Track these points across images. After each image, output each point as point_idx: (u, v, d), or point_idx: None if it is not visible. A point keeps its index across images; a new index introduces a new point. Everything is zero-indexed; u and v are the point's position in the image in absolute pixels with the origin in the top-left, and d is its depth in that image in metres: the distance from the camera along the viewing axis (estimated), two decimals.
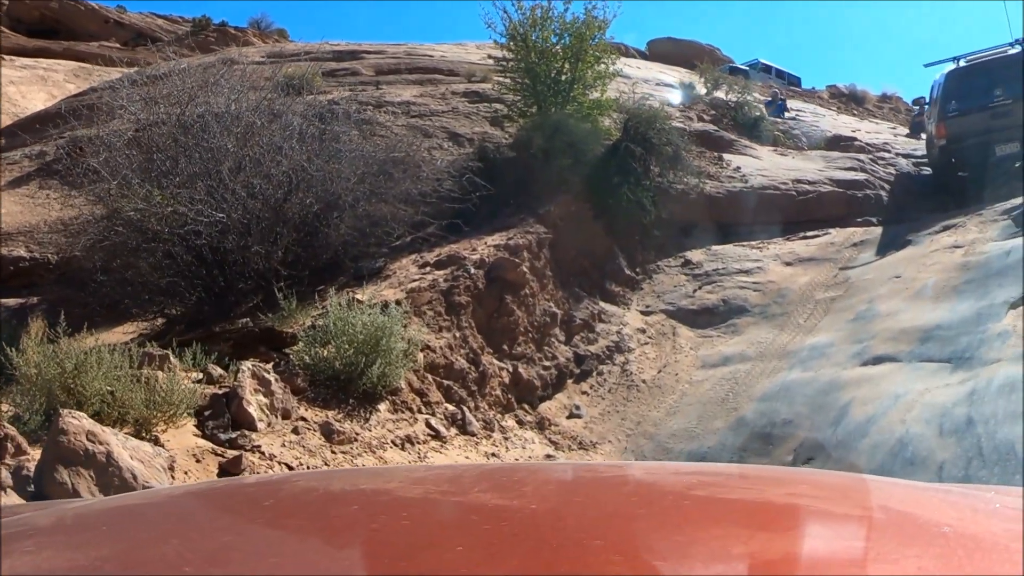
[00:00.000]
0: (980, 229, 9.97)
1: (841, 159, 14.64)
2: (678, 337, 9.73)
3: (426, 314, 7.83)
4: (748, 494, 1.48)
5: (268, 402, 5.36)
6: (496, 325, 8.42)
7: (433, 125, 13.26)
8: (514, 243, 9.24)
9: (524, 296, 8.80)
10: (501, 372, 8.09)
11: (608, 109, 12.49)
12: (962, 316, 7.96)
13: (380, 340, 6.35)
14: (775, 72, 29.25)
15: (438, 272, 8.59)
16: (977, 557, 0.99)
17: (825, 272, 10.46)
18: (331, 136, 9.07)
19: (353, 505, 1.39)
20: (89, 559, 1.04)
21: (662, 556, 0.99)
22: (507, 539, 1.05)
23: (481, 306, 8.35)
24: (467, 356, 7.78)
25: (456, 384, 7.42)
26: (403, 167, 9.26)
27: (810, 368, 8.17)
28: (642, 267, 11.09)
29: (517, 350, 8.46)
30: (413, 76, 16.25)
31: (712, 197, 12.21)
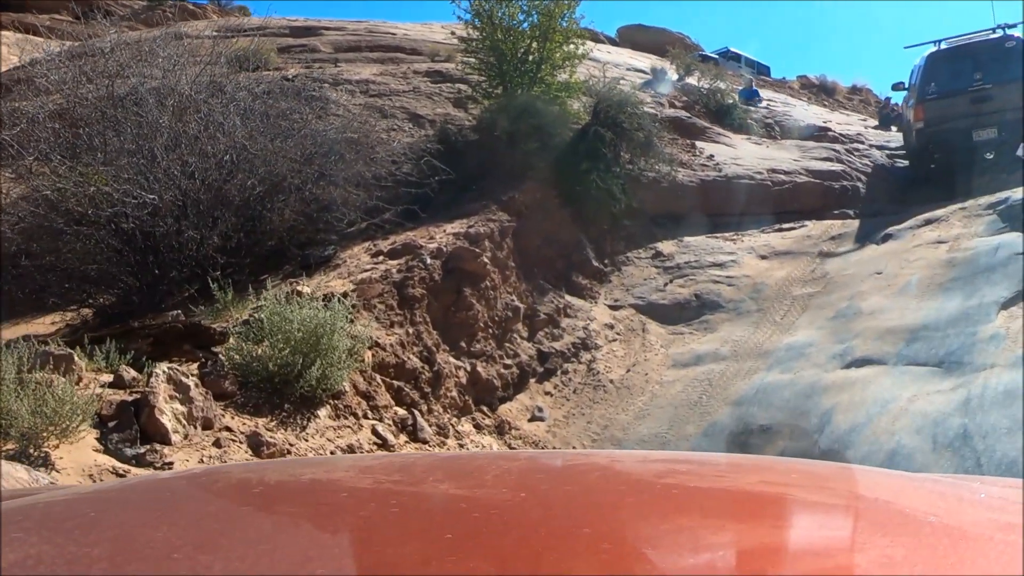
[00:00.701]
0: (964, 224, 9.51)
1: (817, 149, 14.17)
2: (648, 334, 9.17)
3: (376, 308, 7.18)
4: (721, 482, 1.47)
5: (186, 410, 4.69)
6: (453, 320, 7.79)
7: (393, 105, 12.54)
8: (475, 231, 8.60)
9: (484, 289, 8.17)
10: (458, 371, 7.47)
11: (577, 92, 11.86)
12: (950, 316, 7.48)
13: (321, 338, 5.70)
14: (744, 61, 28.80)
15: (392, 262, 7.94)
16: (962, 547, 0.98)
17: (802, 266, 9.96)
18: (278, 113, 8.36)
19: (342, 492, 1.40)
20: (78, 546, 1.03)
21: (639, 546, 0.97)
22: (496, 527, 1.05)
23: (437, 299, 7.72)
24: (420, 354, 7.15)
25: (408, 385, 6.78)
26: (356, 148, 8.57)
27: (789, 369, 7.65)
28: (611, 258, 10.51)
29: (476, 347, 7.85)
30: (374, 54, 15.52)
31: (685, 186, 11.65)
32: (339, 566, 0.94)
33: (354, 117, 9.47)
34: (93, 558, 0.97)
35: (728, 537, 1.03)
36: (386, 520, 1.11)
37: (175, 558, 0.96)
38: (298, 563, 0.92)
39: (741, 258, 10.39)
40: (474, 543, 0.97)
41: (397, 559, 0.91)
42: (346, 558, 0.98)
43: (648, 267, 10.49)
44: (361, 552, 0.97)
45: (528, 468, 1.70)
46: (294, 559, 0.93)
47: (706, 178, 11.97)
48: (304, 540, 1.03)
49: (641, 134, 11.00)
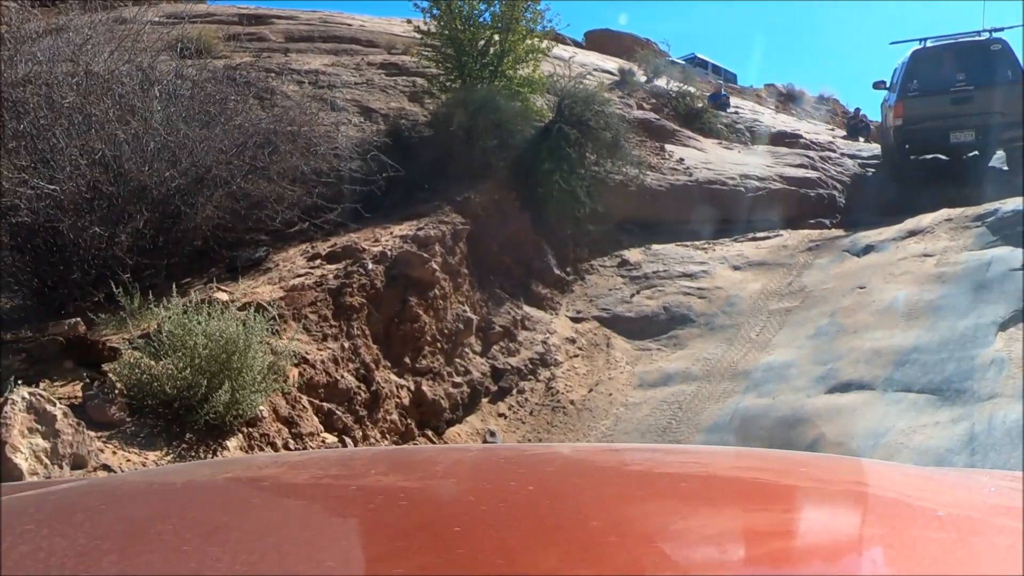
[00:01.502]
0: (951, 236, 8.89)
1: (790, 155, 13.55)
2: (613, 349, 8.42)
3: (308, 318, 6.33)
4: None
5: (50, 446, 3.81)
6: (397, 333, 6.96)
7: (344, 97, 11.68)
8: (424, 234, 7.78)
9: (433, 298, 7.36)
10: (400, 391, 6.64)
11: (540, 87, 11.10)
12: (944, 337, 6.81)
13: (232, 355, 4.84)
14: (711, 67, 28.30)
15: (330, 267, 7.10)
16: (972, 540, 0.95)
17: (778, 279, 9.27)
18: (205, 97, 7.48)
19: (351, 486, 1.37)
20: (87, 537, 1.02)
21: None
22: (508, 521, 1.03)
23: (379, 309, 6.88)
24: (357, 371, 6.31)
25: (340, 408, 5.94)
26: (293, 140, 7.71)
27: (767, 393, 6.94)
28: (574, 266, 9.75)
29: (422, 363, 7.02)
30: (327, 45, 14.61)
31: (653, 190, 10.94)
32: (347, 558, 0.92)
33: (292, 106, 8.58)
34: (103, 550, 0.96)
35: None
36: (394, 513, 1.08)
37: (184, 550, 0.95)
38: (304, 555, 0.89)
39: (713, 268, 9.68)
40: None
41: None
42: (354, 551, 0.95)
43: (614, 276, 9.75)
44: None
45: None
46: (301, 551, 0.91)
47: (676, 182, 11.27)
48: (312, 532, 1.00)
49: (608, 134, 10.26)
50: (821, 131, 19.67)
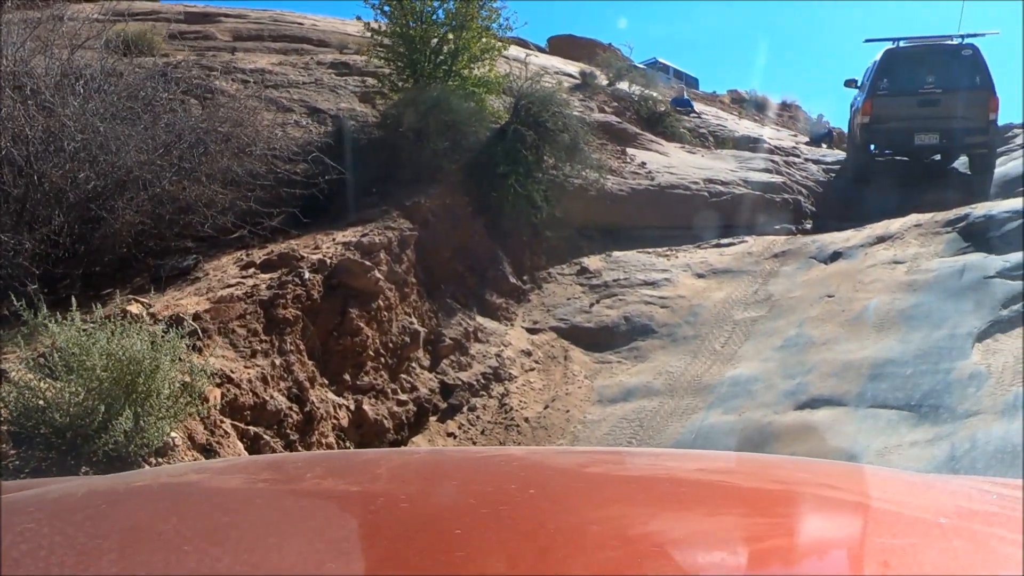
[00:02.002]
0: (921, 242, 8.55)
1: (754, 159, 13.23)
2: (571, 362, 7.96)
3: (235, 333, 5.78)
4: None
5: None
6: (335, 347, 6.43)
7: (291, 98, 11.11)
8: (369, 241, 7.27)
9: (377, 309, 6.84)
10: (338, 410, 6.11)
11: (497, 88, 10.63)
12: (918, 349, 6.43)
13: (137, 376, 4.30)
14: (673, 72, 28.02)
15: (264, 276, 6.55)
16: (972, 549, 0.94)
17: (744, 287, 8.87)
18: (130, 95, 6.91)
19: (353, 487, 1.35)
20: (89, 537, 1.02)
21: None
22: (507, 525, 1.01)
23: (316, 322, 6.35)
24: (289, 391, 5.77)
25: (268, 432, 5.40)
26: (226, 140, 7.16)
27: (733, 409, 6.51)
28: (531, 274, 9.29)
29: (363, 380, 6.50)
30: (277, 44, 14.04)
31: (614, 195, 10.52)
32: (347, 561, 0.91)
33: (226, 104, 8.02)
34: (104, 549, 0.96)
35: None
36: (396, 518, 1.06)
37: (185, 550, 0.94)
38: (305, 556, 0.89)
39: (676, 276, 9.26)
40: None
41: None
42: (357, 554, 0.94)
43: (572, 285, 9.29)
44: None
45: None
46: (302, 552, 0.90)
47: (638, 187, 10.86)
48: (311, 534, 0.98)
49: (567, 136, 9.81)
50: (784, 137, 19.48)
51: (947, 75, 12.37)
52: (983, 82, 12.31)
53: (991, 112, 12.25)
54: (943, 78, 12.36)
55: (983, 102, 12.16)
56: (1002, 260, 7.45)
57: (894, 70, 12.79)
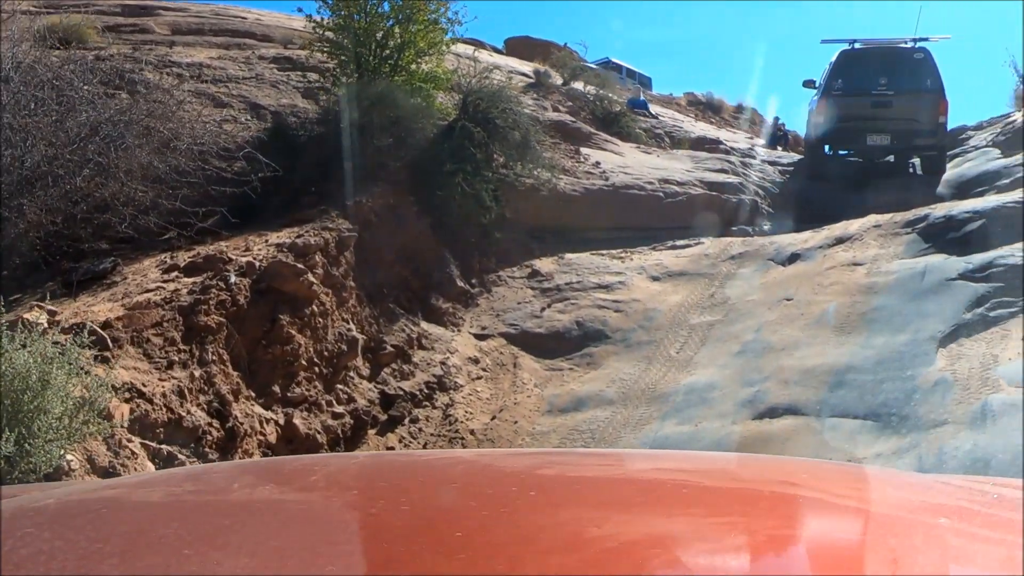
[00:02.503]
0: (881, 243, 8.30)
1: (711, 160, 12.97)
2: (520, 370, 7.57)
3: (150, 342, 5.30)
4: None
5: None
6: (264, 357, 5.97)
7: (229, 93, 10.58)
8: (304, 242, 6.81)
9: (311, 315, 6.39)
10: (265, 425, 5.65)
11: (444, 83, 10.23)
12: (880, 355, 6.15)
13: (23, 393, 3.82)
14: (625, 71, 27.65)
15: (187, 280, 6.08)
16: (972, 548, 0.93)
17: (700, 290, 8.56)
18: (37, 85, 6.38)
19: (353, 490, 1.33)
20: (90, 541, 1.01)
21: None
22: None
23: (242, 329, 5.89)
24: (209, 404, 5.30)
25: (184, 451, 4.93)
26: (147, 134, 6.66)
27: (688, 419, 6.18)
28: (479, 278, 8.88)
29: (295, 392, 6.04)
30: (218, 39, 13.45)
31: (567, 195, 10.16)
32: (347, 564, 0.89)
33: (146, 94, 7.49)
34: (104, 553, 0.95)
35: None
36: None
37: (186, 553, 0.94)
38: (307, 560, 0.88)
39: (630, 279, 8.92)
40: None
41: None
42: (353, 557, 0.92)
43: (523, 288, 8.91)
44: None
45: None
46: (303, 556, 0.90)
47: (591, 187, 10.52)
48: (312, 537, 0.97)
49: (517, 133, 9.44)
50: (741, 139, 19.35)
51: (899, 77, 12.54)
52: (934, 85, 12.47)
53: (941, 115, 12.41)
54: (895, 80, 12.51)
55: (933, 105, 12.35)
56: (964, 262, 7.22)
57: (848, 71, 12.93)
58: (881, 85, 12.52)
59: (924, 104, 12.40)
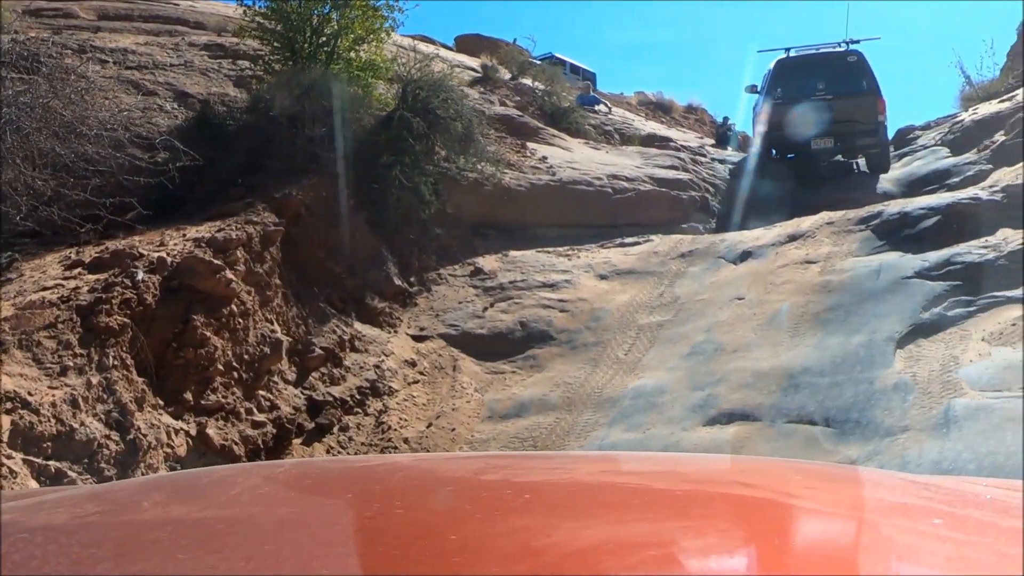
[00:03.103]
0: (834, 241, 8.03)
1: (660, 156, 12.67)
2: (460, 373, 7.14)
3: (41, 345, 4.77)
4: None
5: None
6: (175, 361, 5.45)
7: (156, 80, 9.99)
8: (224, 237, 6.30)
9: (229, 315, 5.88)
10: (174, 436, 5.14)
11: (384, 73, 9.75)
12: (836, 356, 5.85)
13: None
14: (569, 67, 27.18)
15: (91, 277, 5.54)
16: (965, 550, 0.91)
17: (649, 289, 8.21)
18: None
19: (348, 493, 1.29)
20: (83, 546, 0.99)
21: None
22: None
23: (150, 331, 5.36)
24: (108, 415, 4.77)
25: (76, 467, 4.41)
26: (46, 118, 6.09)
27: (636, 425, 5.81)
28: (419, 276, 8.43)
29: (210, 399, 5.53)
30: (148, 26, 12.78)
31: (512, 190, 9.76)
32: (343, 565, 0.87)
33: (48, 73, 6.89)
34: (98, 558, 0.94)
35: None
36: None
37: (180, 558, 0.92)
38: (303, 563, 0.86)
39: (577, 277, 8.55)
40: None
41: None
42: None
43: (465, 287, 8.48)
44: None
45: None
46: (299, 559, 0.87)
47: (538, 182, 10.12)
48: (308, 540, 0.94)
49: (459, 125, 9.00)
50: (691, 138, 19.18)
51: (836, 81, 12.75)
52: (869, 86, 12.72)
53: (879, 114, 12.63)
54: (832, 84, 12.72)
55: (871, 105, 12.61)
56: (920, 260, 6.97)
57: (787, 79, 13.18)
58: (819, 91, 12.72)
59: (862, 105, 12.62)
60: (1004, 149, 10.84)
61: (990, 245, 6.91)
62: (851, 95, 12.66)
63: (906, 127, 16.46)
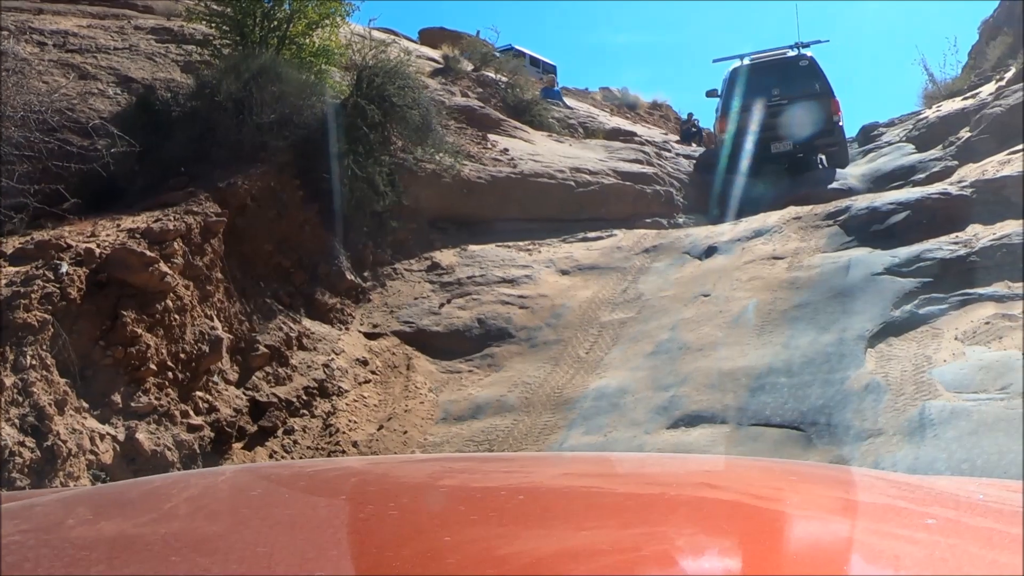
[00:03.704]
0: (802, 236, 7.82)
1: (625, 150, 12.42)
2: (414, 372, 6.82)
3: None
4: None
5: None
6: (102, 360, 5.06)
7: (98, 64, 9.52)
8: (161, 227, 5.90)
9: (164, 311, 5.49)
10: (99, 442, 4.75)
11: (338, 59, 9.37)
12: (805, 356, 5.61)
13: None
14: (529, 59, 26.76)
15: (12, 269, 5.13)
16: (960, 549, 0.90)
17: (612, 285, 7.93)
18: None
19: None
20: (76, 547, 0.97)
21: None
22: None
23: (75, 329, 4.96)
24: (22, 419, 4.38)
25: None
26: None
27: (597, 428, 5.52)
28: (373, 271, 8.08)
29: (141, 401, 5.15)
30: (95, 8, 12.23)
31: (472, 183, 9.43)
32: (335, 567, 0.85)
33: None
34: (91, 560, 0.91)
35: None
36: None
37: (173, 560, 0.90)
38: (296, 564, 0.84)
39: (538, 273, 8.25)
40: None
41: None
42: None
43: (421, 282, 8.15)
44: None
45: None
46: (292, 561, 0.86)
47: (498, 175, 9.81)
48: (302, 542, 0.91)
49: (416, 113, 8.66)
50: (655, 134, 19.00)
51: (790, 85, 13.04)
52: (822, 88, 13.02)
53: (834, 114, 12.91)
54: (787, 88, 13.00)
55: (825, 106, 12.87)
56: (889, 256, 6.76)
57: (742, 86, 13.33)
58: (775, 95, 12.95)
59: (817, 107, 12.83)
60: (970, 145, 10.74)
61: (961, 241, 6.73)
62: (805, 98, 12.89)
63: (870, 124, 16.42)
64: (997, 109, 10.89)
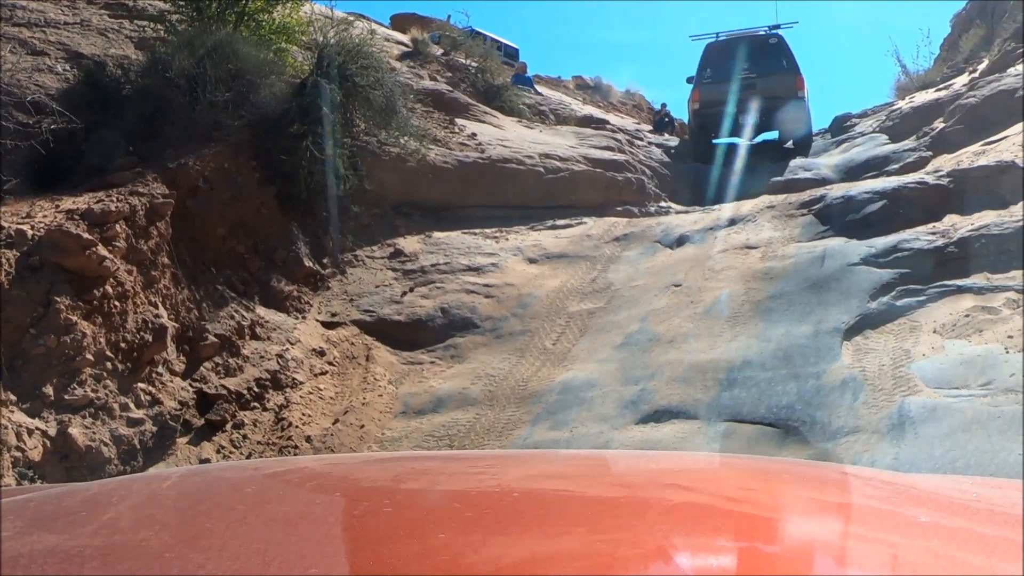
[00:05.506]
0: (776, 225, 7.61)
1: (596, 136, 12.15)
2: (373, 363, 6.53)
3: None
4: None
5: None
6: (33, 350, 4.72)
7: (46, 39, 9.08)
8: (102, 208, 5.55)
9: (103, 298, 5.15)
10: (27, 438, 4.41)
11: (298, 36, 9.02)
12: (779, 348, 5.39)
13: None
14: (489, 41, 26.18)
15: None
16: (954, 547, 0.90)
17: (581, 274, 7.68)
18: None
19: (335, 492, 1.25)
20: (70, 544, 0.95)
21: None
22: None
23: (3, 316, 4.62)
24: None
25: None
26: None
27: (563, 423, 5.28)
28: (332, 257, 7.76)
29: (76, 393, 4.81)
30: None
31: (438, 168, 9.12)
32: (331, 566, 0.83)
33: None
34: (85, 556, 0.90)
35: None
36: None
37: (167, 556, 0.89)
38: (291, 562, 0.83)
39: (504, 261, 7.97)
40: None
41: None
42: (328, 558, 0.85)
43: (383, 270, 7.84)
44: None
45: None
46: (287, 558, 0.84)
47: (465, 160, 9.51)
48: (297, 539, 0.92)
49: (380, 94, 8.33)
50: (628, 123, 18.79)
51: (759, 61, 13.77)
52: (789, 65, 13.86)
53: (799, 89, 13.69)
54: (756, 64, 13.72)
55: (792, 82, 13.71)
56: (866, 246, 6.57)
57: (715, 61, 14.13)
58: (745, 70, 13.64)
59: (784, 82, 13.60)
60: (944, 136, 10.62)
61: (938, 231, 6.55)
62: (773, 73, 13.63)
63: (843, 115, 16.30)
64: (972, 100, 10.76)
